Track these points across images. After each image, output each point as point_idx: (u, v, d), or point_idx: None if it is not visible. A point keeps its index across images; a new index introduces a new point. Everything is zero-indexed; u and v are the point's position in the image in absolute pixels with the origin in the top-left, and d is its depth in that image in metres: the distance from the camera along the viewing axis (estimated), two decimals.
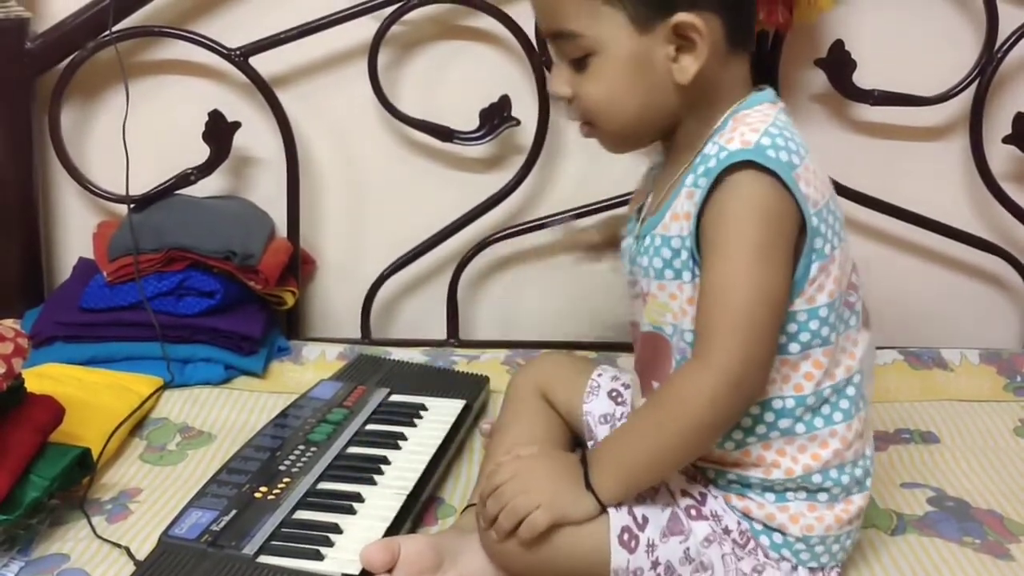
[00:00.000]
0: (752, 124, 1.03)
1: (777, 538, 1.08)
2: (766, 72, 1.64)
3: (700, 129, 1.08)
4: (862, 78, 1.66)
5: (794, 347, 1.05)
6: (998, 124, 1.70)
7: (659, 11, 1.02)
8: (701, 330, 1.03)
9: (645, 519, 1.05)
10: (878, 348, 1.64)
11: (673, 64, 1.04)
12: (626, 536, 1.03)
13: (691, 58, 1.03)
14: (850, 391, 1.09)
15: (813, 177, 1.04)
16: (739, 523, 1.08)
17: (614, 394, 1.30)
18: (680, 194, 1.06)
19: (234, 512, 1.13)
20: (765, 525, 1.08)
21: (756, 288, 1.00)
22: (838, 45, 1.65)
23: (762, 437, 1.07)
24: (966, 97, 1.68)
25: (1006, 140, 1.69)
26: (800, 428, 1.07)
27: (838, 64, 1.66)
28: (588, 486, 1.05)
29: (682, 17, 1.01)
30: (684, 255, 1.06)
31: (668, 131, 1.11)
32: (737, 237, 1.01)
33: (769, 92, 1.09)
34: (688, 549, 1.05)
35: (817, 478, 1.07)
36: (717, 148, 1.03)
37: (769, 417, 1.06)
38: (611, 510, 1.04)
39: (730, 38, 1.05)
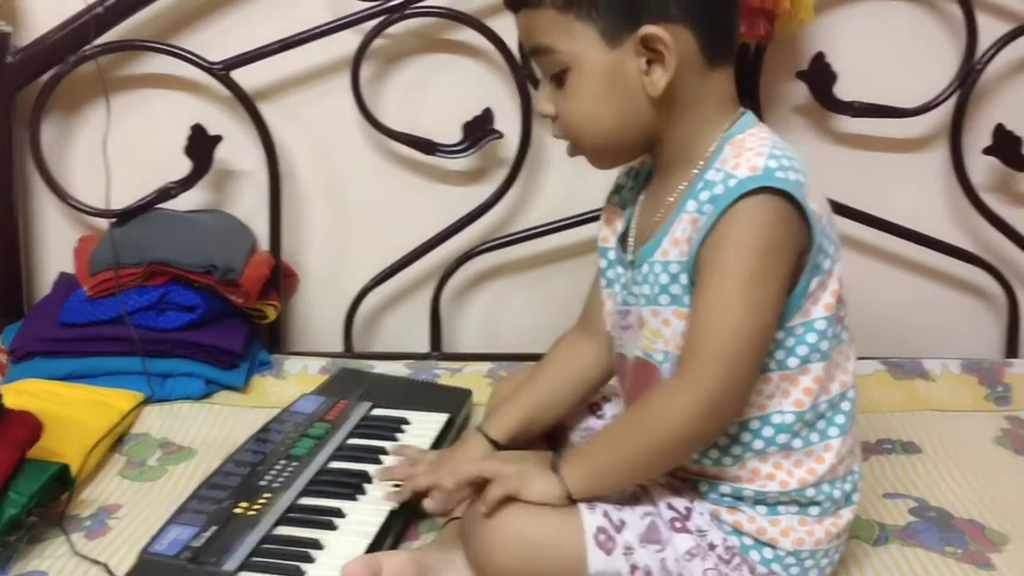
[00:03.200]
0: (755, 148, 1.04)
1: (768, 553, 1.08)
2: (747, 84, 1.65)
3: (689, 147, 1.08)
4: (843, 90, 1.67)
5: (793, 361, 1.06)
6: (978, 135, 1.71)
7: (627, 25, 1.03)
8: (687, 350, 1.04)
9: (622, 522, 1.05)
10: (860, 358, 1.65)
11: (645, 77, 1.04)
12: (602, 537, 1.03)
13: (661, 70, 1.04)
14: (845, 406, 1.09)
15: (817, 194, 1.05)
16: (725, 539, 1.08)
17: (594, 407, 1.30)
18: (680, 219, 1.06)
19: (214, 528, 1.12)
20: (756, 540, 1.08)
21: (747, 316, 1.01)
22: (819, 57, 1.65)
23: (760, 452, 1.07)
24: (946, 109, 1.69)
25: (986, 151, 1.70)
26: (797, 443, 1.07)
27: (819, 76, 1.66)
28: (556, 472, 1.06)
29: (648, 30, 1.02)
30: (683, 279, 1.06)
31: (652, 145, 1.11)
32: (735, 263, 1.01)
33: (751, 115, 1.10)
34: (664, 560, 1.05)
35: (811, 492, 1.08)
36: (723, 175, 1.03)
37: (768, 432, 1.07)
38: (586, 511, 1.04)
39: (706, 51, 1.05)
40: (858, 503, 1.12)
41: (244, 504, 1.17)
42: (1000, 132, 1.69)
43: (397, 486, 1.22)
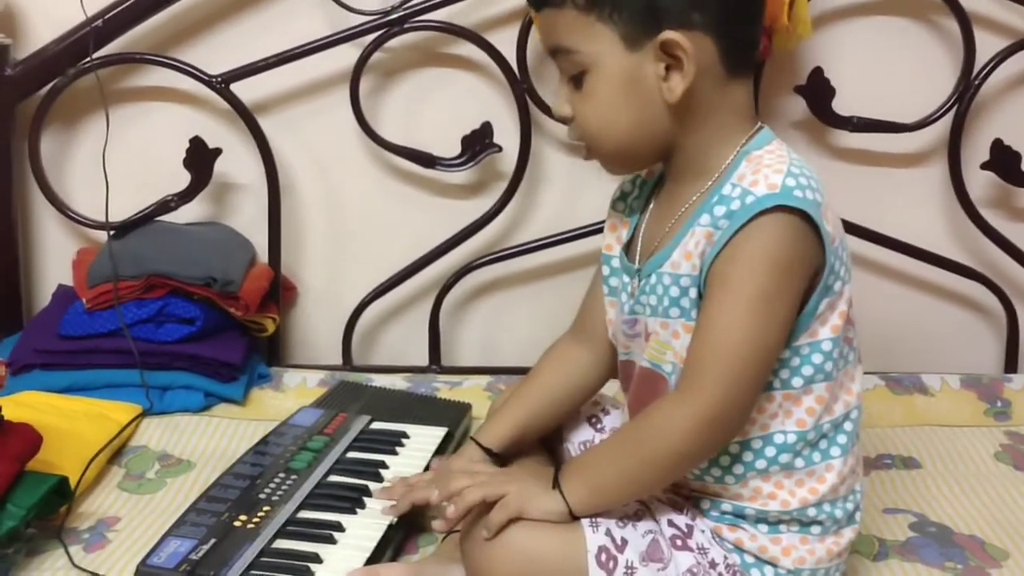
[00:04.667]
0: (773, 165, 1.03)
1: (768, 571, 1.08)
2: None
3: (704, 158, 1.08)
4: (841, 105, 1.67)
5: (797, 381, 1.05)
6: (976, 150, 1.72)
7: (647, 29, 1.03)
8: (689, 363, 1.04)
9: (624, 541, 1.04)
10: None
11: (663, 83, 1.04)
12: (603, 556, 1.03)
13: (679, 77, 1.03)
14: (847, 426, 1.09)
15: (831, 215, 1.05)
16: (726, 557, 1.08)
17: (593, 420, 1.29)
18: (692, 232, 1.06)
19: (213, 541, 1.12)
20: (757, 557, 1.08)
21: (752, 335, 1.00)
22: (817, 72, 1.66)
23: (762, 471, 1.07)
24: (944, 124, 1.70)
25: (984, 166, 1.71)
26: (799, 463, 1.07)
27: (817, 91, 1.67)
28: (557, 488, 1.05)
29: (669, 35, 1.02)
30: (693, 293, 1.06)
31: (666, 153, 1.10)
32: (745, 280, 1.01)
33: (768, 130, 1.10)
34: None
35: (812, 511, 1.07)
36: (740, 191, 1.02)
37: (770, 452, 1.06)
38: (588, 530, 1.04)
39: (726, 61, 1.05)
40: (860, 522, 1.12)
41: (243, 517, 1.17)
42: (998, 147, 1.69)
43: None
